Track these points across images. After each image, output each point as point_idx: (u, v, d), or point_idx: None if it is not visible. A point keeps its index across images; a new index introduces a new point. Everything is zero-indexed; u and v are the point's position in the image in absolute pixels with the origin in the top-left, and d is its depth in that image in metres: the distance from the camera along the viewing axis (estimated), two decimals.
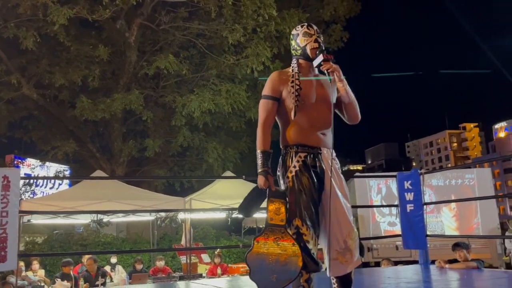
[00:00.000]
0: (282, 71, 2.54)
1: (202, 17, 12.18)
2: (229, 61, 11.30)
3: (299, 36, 2.50)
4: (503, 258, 10.05)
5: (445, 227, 10.23)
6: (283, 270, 2.17)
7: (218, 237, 13.47)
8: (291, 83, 2.41)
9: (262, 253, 2.22)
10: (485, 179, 10.64)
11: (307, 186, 2.29)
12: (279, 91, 2.43)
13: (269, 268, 2.19)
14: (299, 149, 2.37)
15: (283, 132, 2.47)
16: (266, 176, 2.33)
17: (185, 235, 9.20)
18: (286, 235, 2.23)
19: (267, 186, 2.32)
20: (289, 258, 2.18)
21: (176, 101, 11.60)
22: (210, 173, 13.13)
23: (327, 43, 14.55)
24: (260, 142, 2.41)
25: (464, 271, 4.67)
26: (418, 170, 5.33)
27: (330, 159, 2.37)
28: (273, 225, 2.26)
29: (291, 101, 2.38)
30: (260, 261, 2.21)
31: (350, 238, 2.32)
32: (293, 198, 2.29)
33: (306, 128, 2.38)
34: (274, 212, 2.28)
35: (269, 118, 2.43)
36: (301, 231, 2.23)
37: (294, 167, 2.34)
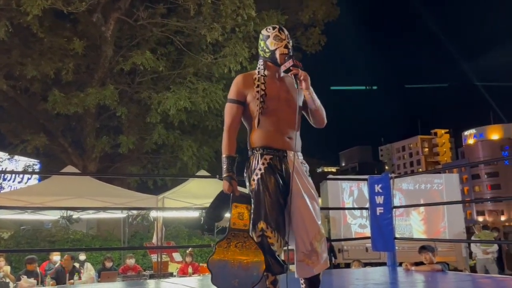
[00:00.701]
0: (247, 74, 2.53)
1: (180, 14, 12.09)
2: (207, 59, 11.26)
3: (270, 38, 2.46)
4: (469, 261, 10.37)
5: (413, 230, 10.50)
6: (245, 275, 2.16)
7: (191, 236, 13.41)
8: (256, 87, 2.39)
9: (224, 258, 2.20)
10: (453, 185, 10.98)
11: (272, 188, 2.29)
12: (244, 95, 2.41)
13: (231, 273, 2.17)
14: (264, 151, 2.37)
15: (249, 135, 2.48)
16: (230, 181, 2.34)
17: (156, 233, 9.13)
18: (249, 240, 2.22)
19: (231, 191, 2.33)
20: (251, 263, 2.17)
21: (152, 98, 11.48)
22: (185, 172, 13.06)
23: (305, 45, 14.71)
24: (225, 146, 2.43)
25: (429, 273, 4.80)
26: (388, 174, 5.44)
27: (295, 162, 2.36)
28: (236, 229, 2.25)
29: (256, 104, 2.37)
30: (222, 266, 2.19)
31: (317, 240, 2.30)
32: (258, 200, 2.28)
33: (271, 131, 2.38)
34: (237, 217, 2.27)
35: (234, 123, 2.44)
36: (266, 234, 2.22)
37: (260, 169, 2.34)
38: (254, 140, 2.44)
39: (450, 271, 8.06)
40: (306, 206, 2.32)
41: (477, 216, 67.70)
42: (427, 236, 10.28)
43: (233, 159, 2.43)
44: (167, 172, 13.71)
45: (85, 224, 12.67)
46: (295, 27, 14.91)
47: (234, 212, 2.29)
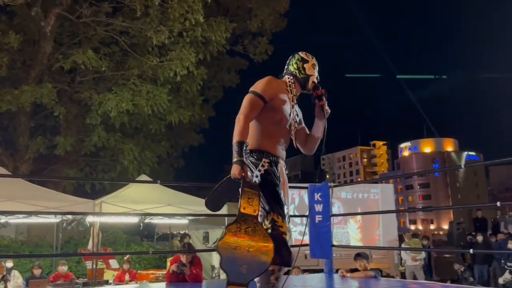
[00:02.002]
0: (277, 79, 2.67)
1: (127, 14, 11.78)
2: (152, 62, 11.03)
3: (309, 63, 2.71)
4: (399, 268, 10.86)
5: (350, 237, 10.83)
6: (254, 261, 2.14)
7: (129, 242, 13.01)
8: (290, 103, 2.60)
9: (234, 242, 2.18)
10: (388, 194, 11.46)
11: (276, 183, 2.43)
12: (271, 97, 2.52)
13: (240, 258, 2.15)
14: (264, 154, 2.50)
15: (254, 136, 2.54)
16: (242, 165, 2.32)
17: (92, 239, 8.76)
18: (259, 226, 2.22)
19: (241, 175, 2.30)
20: (261, 250, 2.15)
21: (93, 99, 11.06)
22: (125, 176, 12.67)
23: (252, 54, 14.89)
24: (240, 133, 2.40)
25: (363, 279, 4.99)
26: (328, 183, 5.60)
27: (283, 169, 2.61)
28: (246, 214, 2.23)
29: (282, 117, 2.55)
30: (231, 250, 2.17)
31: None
32: (266, 193, 2.35)
33: (276, 141, 2.57)
34: (247, 202, 2.25)
35: (253, 114, 2.49)
36: (278, 224, 2.29)
37: (263, 166, 2.45)
38: (256, 143, 2.54)
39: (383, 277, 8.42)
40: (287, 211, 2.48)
41: (410, 224, 71.29)
42: (363, 243, 10.64)
43: (244, 146, 2.45)
44: (107, 176, 13.23)
45: (14, 229, 11.91)
46: (243, 35, 15.05)
47: (245, 197, 2.26)
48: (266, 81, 2.56)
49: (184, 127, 15.32)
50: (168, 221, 11.76)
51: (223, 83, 16.41)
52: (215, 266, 10.43)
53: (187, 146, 17.03)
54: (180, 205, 9.15)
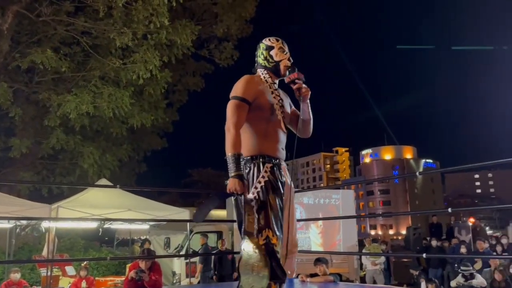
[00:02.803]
0: (254, 76, 2.55)
1: (89, 14, 11.50)
2: (115, 64, 10.80)
3: (274, 49, 2.55)
4: (359, 272, 11.09)
5: (312, 242, 10.97)
6: (256, 279, 2.17)
7: (87, 248, 12.66)
8: (273, 95, 2.44)
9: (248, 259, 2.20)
10: (348, 200, 11.72)
11: (275, 197, 2.30)
12: (254, 96, 2.41)
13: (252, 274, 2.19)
14: (266, 159, 2.38)
15: (250, 140, 2.43)
16: (242, 180, 2.27)
17: (47, 245, 8.45)
18: (259, 244, 2.21)
19: (242, 190, 2.26)
20: (261, 267, 2.18)
21: (52, 100, 10.70)
22: (84, 180, 12.32)
23: (219, 59, 14.87)
24: (233, 144, 2.31)
25: (323, 284, 5.07)
26: None
27: (286, 170, 2.50)
28: (249, 232, 2.24)
29: (268, 112, 2.40)
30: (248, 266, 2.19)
31: (293, 252, 2.47)
32: (263, 208, 2.27)
33: (273, 140, 2.44)
34: (248, 219, 2.26)
35: (241, 120, 2.37)
36: (272, 241, 2.23)
37: (263, 177, 2.33)
38: (257, 147, 2.41)
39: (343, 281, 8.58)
40: (290, 218, 2.44)
41: (370, 229, 72.94)
42: (324, 248, 10.80)
43: (241, 158, 2.34)
44: (65, 180, 12.80)
45: None
46: (209, 40, 15.02)
47: (246, 213, 2.27)
48: (244, 81, 2.45)
49: (147, 130, 15.07)
50: (128, 227, 11.52)
51: (187, 87, 16.28)
52: (176, 272, 10.31)
53: (149, 150, 16.76)
54: (141, 210, 8.99)
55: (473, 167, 7.73)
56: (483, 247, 9.50)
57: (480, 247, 9.39)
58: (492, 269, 8.15)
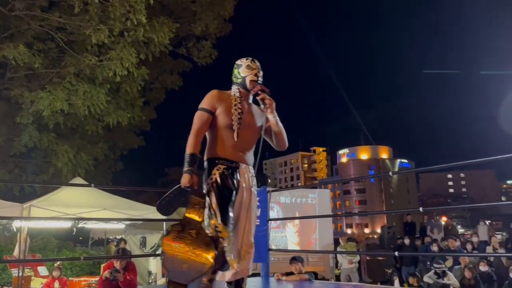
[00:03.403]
0: (222, 91, 2.86)
1: (64, 10, 11.25)
2: (91, 61, 10.61)
3: (242, 67, 2.87)
4: (335, 271, 11.23)
5: (288, 241, 11.05)
6: (195, 262, 2.27)
7: (60, 248, 12.42)
8: (234, 106, 2.76)
9: (177, 242, 2.32)
10: (324, 199, 11.85)
11: (226, 192, 2.58)
12: (215, 108, 2.75)
13: (182, 257, 2.28)
14: (219, 161, 2.68)
15: (210, 145, 2.78)
16: (191, 174, 2.57)
17: (19, 245, 8.26)
18: (202, 231, 2.40)
19: (191, 184, 2.54)
20: (202, 252, 2.29)
21: (24, 97, 10.44)
22: (58, 179, 12.06)
23: (197, 57, 14.79)
24: (191, 146, 2.66)
25: (298, 282, 5.13)
26: (266, 188, 5.72)
27: (247, 173, 2.74)
28: (191, 218, 2.42)
29: (228, 121, 2.71)
30: (174, 249, 2.31)
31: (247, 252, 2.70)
32: (214, 201, 2.54)
33: (230, 145, 2.72)
34: (193, 208, 2.45)
35: (203, 128, 2.73)
36: (218, 229, 2.45)
37: (214, 174, 2.63)
38: (211, 150, 2.75)
39: (318, 280, 8.67)
40: (245, 219, 2.66)
41: (346, 228, 73.84)
42: (300, 247, 10.90)
43: (196, 158, 2.65)
44: (38, 179, 12.51)
45: None
46: (187, 38, 14.92)
47: (191, 204, 2.47)
48: (209, 95, 2.80)
49: (123, 129, 14.86)
50: (103, 226, 11.36)
51: (165, 85, 16.14)
52: (152, 271, 10.23)
53: (126, 149, 16.54)
54: (116, 209, 8.89)
55: (446, 167, 8.04)
56: (454, 245, 9.77)
57: (451, 245, 9.65)
58: (462, 267, 8.38)
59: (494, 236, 10.73)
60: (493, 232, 12.38)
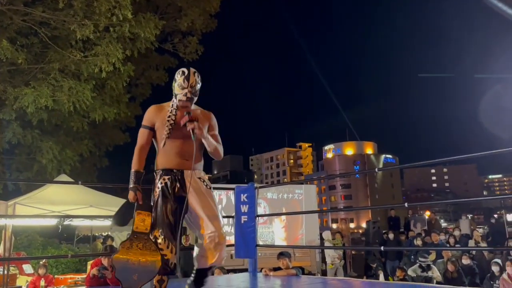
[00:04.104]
0: (159, 105, 3.01)
1: (47, 4, 11.09)
2: (76, 56, 10.49)
3: (177, 82, 2.91)
4: (328, 266, 11.29)
5: (275, 237, 11.13)
6: (143, 270, 2.62)
7: (46, 246, 12.30)
8: (168, 117, 2.89)
9: (126, 256, 2.66)
10: (311, 195, 11.95)
11: (165, 205, 2.77)
12: (153, 123, 2.92)
13: (132, 268, 2.62)
14: (163, 172, 2.86)
15: (157, 157, 2.96)
16: (135, 191, 2.79)
17: (4, 243, 8.17)
18: (149, 241, 2.69)
19: (136, 200, 2.78)
20: (149, 261, 2.64)
21: (7, 92, 10.27)
22: (43, 176, 11.93)
23: (183, 53, 14.73)
24: (134, 163, 2.88)
25: (285, 277, 5.19)
26: (254, 184, 5.76)
27: (192, 177, 2.87)
28: (138, 232, 2.71)
29: (163, 133, 2.87)
30: (124, 262, 2.64)
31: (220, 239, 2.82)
32: (155, 213, 2.78)
33: (171, 154, 2.87)
34: (140, 222, 2.73)
35: (144, 144, 2.92)
36: (158, 241, 2.72)
37: (158, 188, 2.83)
38: (157, 163, 2.93)
39: (305, 274, 8.77)
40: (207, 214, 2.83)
41: (332, 223, 74.46)
42: (287, 242, 10.99)
43: (140, 174, 2.86)
44: (22, 176, 12.35)
45: None
46: (173, 34, 14.84)
47: (138, 218, 2.74)
48: (147, 111, 2.99)
49: (109, 125, 14.75)
50: (89, 223, 11.27)
51: (151, 81, 16.05)
52: None
53: (111, 145, 16.41)
54: (103, 206, 8.82)
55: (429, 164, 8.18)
56: (437, 239, 9.97)
57: (435, 239, 9.84)
58: (445, 260, 8.56)
59: (476, 230, 10.97)
60: (475, 225, 12.64)
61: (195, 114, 2.93)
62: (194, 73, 2.91)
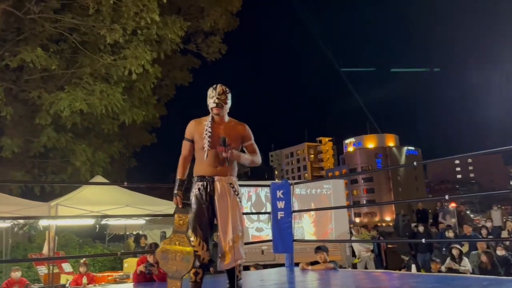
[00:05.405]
0: (198, 120, 3.38)
1: (76, 11, 11.41)
2: (106, 60, 10.77)
3: (208, 96, 3.31)
4: (354, 260, 11.36)
5: (305, 232, 11.23)
6: (180, 264, 3.05)
7: (82, 245, 12.66)
8: (205, 130, 3.25)
9: (167, 252, 3.09)
10: (339, 189, 11.98)
11: (199, 208, 3.17)
12: (192, 134, 3.32)
13: (172, 262, 3.07)
14: (197, 179, 3.26)
15: (195, 165, 3.32)
16: (175, 196, 3.22)
17: (48, 243, 8.50)
18: (185, 239, 3.10)
19: (176, 203, 3.21)
20: (185, 256, 3.05)
21: (43, 98, 10.63)
22: (77, 177, 12.30)
23: (206, 53, 14.94)
24: (178, 172, 3.30)
25: (324, 271, 5.31)
26: (288, 181, 5.89)
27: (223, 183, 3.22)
28: (177, 231, 3.15)
29: (201, 144, 3.24)
30: (165, 257, 3.09)
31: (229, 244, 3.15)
32: (191, 215, 3.18)
33: (205, 163, 3.24)
34: (178, 222, 3.16)
35: (187, 154, 3.33)
36: (191, 239, 3.12)
37: (193, 193, 3.24)
38: (194, 170, 3.33)
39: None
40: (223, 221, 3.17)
41: (355, 217, 74.00)
42: (316, 237, 11.06)
43: (182, 181, 3.28)
44: (57, 178, 12.75)
45: None
46: (196, 35, 15.04)
47: (177, 219, 3.17)
48: (188, 125, 3.37)
49: (136, 126, 15.08)
50: (123, 222, 11.60)
51: (175, 82, 16.32)
52: None
53: (138, 146, 16.77)
54: (137, 205, 9.11)
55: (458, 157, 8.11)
56: (469, 230, 9.91)
57: (467, 230, 9.79)
58: (480, 252, 8.53)
59: (510, 221, 10.84)
60: (507, 216, 12.49)
61: (229, 137, 3.26)
62: (221, 85, 3.33)
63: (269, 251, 10.33)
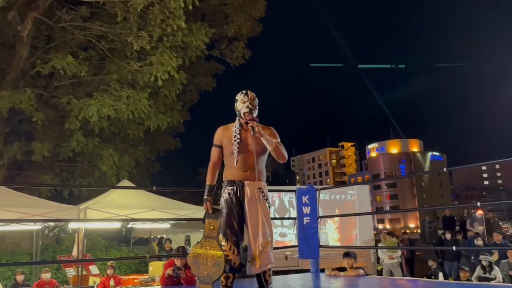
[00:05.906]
0: (225, 126, 3.41)
1: (104, 18, 11.70)
2: (132, 67, 11.00)
3: (238, 102, 3.36)
4: (376, 266, 11.24)
5: (329, 238, 11.14)
6: (211, 269, 3.09)
7: (108, 248, 12.91)
8: (234, 136, 3.28)
9: (198, 256, 3.14)
10: (364, 195, 11.85)
11: (229, 213, 3.18)
12: (220, 140, 3.35)
13: (203, 267, 3.12)
14: (227, 183, 3.28)
15: (224, 170, 3.36)
16: (205, 202, 3.27)
17: (77, 245, 8.69)
18: (215, 244, 3.14)
19: (206, 209, 3.26)
20: (215, 261, 3.09)
21: (72, 104, 10.92)
22: (103, 181, 12.55)
23: (230, 58, 15.06)
24: (208, 177, 3.37)
25: (352, 277, 5.26)
26: (313, 186, 5.87)
27: (252, 187, 3.25)
28: (208, 236, 3.19)
29: (230, 149, 3.26)
30: (196, 262, 3.13)
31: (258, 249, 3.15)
32: (221, 219, 3.20)
33: (234, 168, 3.27)
34: (209, 227, 3.20)
35: (216, 160, 3.37)
36: (222, 244, 3.14)
37: (223, 197, 3.27)
38: (224, 175, 3.36)
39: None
40: (253, 225, 3.19)
41: (378, 224, 72.94)
42: (341, 243, 10.96)
43: (212, 187, 3.34)
44: (84, 182, 13.05)
45: None
46: (220, 40, 15.18)
47: (207, 224, 3.22)
48: (216, 132, 3.40)
49: (161, 131, 15.29)
50: (149, 226, 11.76)
51: (199, 87, 16.49)
52: None
53: (163, 151, 16.98)
54: (163, 209, 9.23)
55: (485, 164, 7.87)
56: (499, 238, 9.65)
57: (497, 238, 9.54)
58: (510, 260, 8.30)
59: None
60: None
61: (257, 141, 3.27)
62: (251, 92, 3.40)
63: (292, 256, 10.30)
